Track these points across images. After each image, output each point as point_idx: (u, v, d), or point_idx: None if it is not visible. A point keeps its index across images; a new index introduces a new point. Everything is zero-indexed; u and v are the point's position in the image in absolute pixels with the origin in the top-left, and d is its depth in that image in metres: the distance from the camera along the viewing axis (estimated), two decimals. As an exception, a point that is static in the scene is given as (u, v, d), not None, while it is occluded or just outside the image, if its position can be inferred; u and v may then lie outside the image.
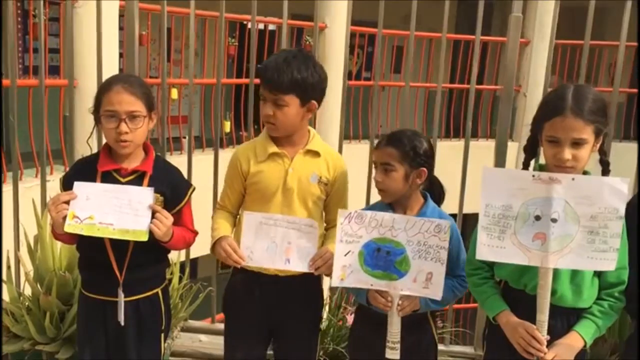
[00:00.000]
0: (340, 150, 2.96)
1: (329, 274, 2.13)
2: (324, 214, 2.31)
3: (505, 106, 2.90)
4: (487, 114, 7.94)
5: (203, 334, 3.26)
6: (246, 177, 2.24)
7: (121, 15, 6.00)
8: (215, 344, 3.24)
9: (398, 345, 2.04)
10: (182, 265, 3.15)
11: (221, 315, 2.60)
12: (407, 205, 2.17)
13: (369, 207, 2.27)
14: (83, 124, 3.47)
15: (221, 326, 3.19)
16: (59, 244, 2.80)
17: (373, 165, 2.18)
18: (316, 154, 2.24)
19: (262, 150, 2.23)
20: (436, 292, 2.01)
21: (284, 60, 2.10)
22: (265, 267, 2.17)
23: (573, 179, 1.80)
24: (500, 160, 2.90)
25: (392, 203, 2.17)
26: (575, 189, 1.78)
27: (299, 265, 2.13)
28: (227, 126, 6.58)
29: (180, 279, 3.04)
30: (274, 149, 2.21)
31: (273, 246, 2.13)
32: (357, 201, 2.58)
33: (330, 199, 2.27)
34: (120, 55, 5.13)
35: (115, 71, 3.56)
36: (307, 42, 6.84)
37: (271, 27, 6.81)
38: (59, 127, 5.06)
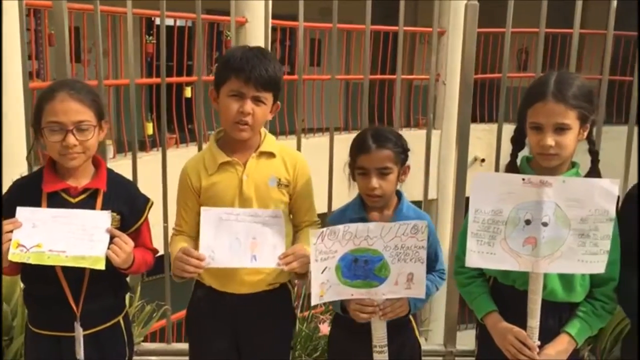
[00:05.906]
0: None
1: (302, 272, 2.00)
2: (290, 217, 2.16)
3: (465, 96, 2.86)
4: (409, 103, 8.03)
5: (156, 356, 3.03)
6: (199, 194, 2.08)
7: (26, 15, 5.55)
8: (168, 365, 3.03)
9: (386, 349, 1.99)
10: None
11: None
12: (384, 205, 2.08)
13: (343, 207, 2.16)
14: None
15: (178, 346, 3.02)
16: (-9, 273, 2.50)
17: (360, 173, 2.03)
18: (271, 154, 2.09)
19: (211, 162, 2.07)
20: (419, 291, 1.97)
21: (262, 55, 1.97)
22: (229, 267, 1.99)
23: (564, 181, 1.78)
24: (462, 148, 2.86)
25: (366, 204, 2.08)
26: (566, 191, 1.76)
27: (267, 261, 1.97)
28: (150, 128, 6.24)
29: (131, 299, 2.81)
30: (223, 157, 2.06)
31: (237, 243, 1.94)
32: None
33: (295, 200, 2.14)
34: (29, 57, 4.74)
35: (19, 75, 3.09)
36: (228, 37, 6.61)
37: (180, 22, 6.49)
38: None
